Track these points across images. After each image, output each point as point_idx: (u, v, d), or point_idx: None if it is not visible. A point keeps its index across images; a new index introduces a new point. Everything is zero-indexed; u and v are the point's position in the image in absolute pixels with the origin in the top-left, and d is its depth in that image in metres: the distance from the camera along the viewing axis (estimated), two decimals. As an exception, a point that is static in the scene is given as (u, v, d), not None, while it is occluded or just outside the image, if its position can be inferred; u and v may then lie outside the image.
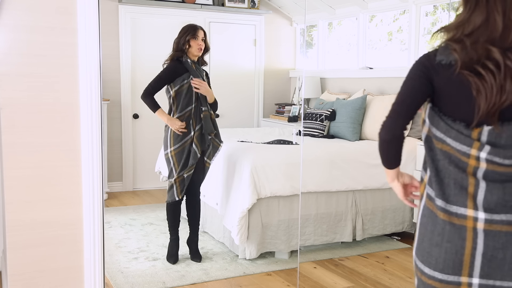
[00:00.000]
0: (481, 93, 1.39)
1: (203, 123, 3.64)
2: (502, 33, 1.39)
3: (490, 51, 1.38)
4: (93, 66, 2.45)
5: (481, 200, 1.43)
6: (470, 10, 1.43)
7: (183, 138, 3.61)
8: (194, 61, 3.70)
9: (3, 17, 2.30)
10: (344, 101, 4.94)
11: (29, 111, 2.38)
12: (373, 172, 4.18)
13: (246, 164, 3.76)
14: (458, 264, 1.45)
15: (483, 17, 1.40)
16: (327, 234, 4.06)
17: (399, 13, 5.30)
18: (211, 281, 3.45)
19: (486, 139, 1.42)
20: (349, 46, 6.02)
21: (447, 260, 1.46)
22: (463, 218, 1.44)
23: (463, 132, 1.45)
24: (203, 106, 3.64)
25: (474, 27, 1.41)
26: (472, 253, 1.43)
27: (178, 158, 3.62)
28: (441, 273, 1.48)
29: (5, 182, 2.38)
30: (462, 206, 1.45)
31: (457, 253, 1.45)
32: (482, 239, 1.43)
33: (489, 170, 1.43)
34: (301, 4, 6.24)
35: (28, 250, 2.44)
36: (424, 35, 4.92)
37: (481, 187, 1.43)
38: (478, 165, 1.43)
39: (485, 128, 1.42)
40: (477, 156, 1.43)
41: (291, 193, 3.86)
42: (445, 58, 1.45)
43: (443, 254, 1.47)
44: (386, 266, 3.80)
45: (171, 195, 3.68)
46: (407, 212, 4.39)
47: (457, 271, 1.46)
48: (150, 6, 5.83)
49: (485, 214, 1.42)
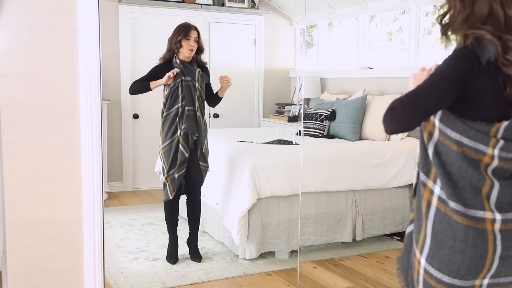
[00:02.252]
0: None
1: (185, 122, 3.61)
2: (504, 24, 1.39)
3: (506, 40, 1.37)
4: (93, 66, 2.45)
5: (494, 200, 1.42)
6: (470, 5, 1.41)
7: (171, 137, 3.62)
8: (184, 61, 3.67)
9: (3, 17, 2.30)
10: (344, 101, 4.94)
11: (29, 111, 2.38)
12: (373, 172, 4.18)
13: (246, 164, 3.76)
14: (480, 268, 1.43)
15: (488, 8, 1.39)
16: (327, 234, 4.06)
17: (399, 13, 5.30)
18: (211, 281, 3.45)
19: (501, 135, 1.41)
20: (349, 46, 6.02)
21: (471, 266, 1.42)
22: (483, 221, 1.42)
23: (483, 130, 1.42)
24: (187, 106, 3.62)
25: (483, 17, 1.39)
26: (493, 256, 1.42)
27: (166, 156, 3.63)
28: (462, 280, 1.44)
29: (5, 182, 2.38)
30: (480, 209, 1.42)
31: (481, 258, 1.42)
32: (500, 240, 1.42)
33: (498, 167, 1.42)
34: (301, 4, 6.24)
35: (28, 250, 2.44)
36: (424, 35, 4.92)
37: (495, 186, 1.42)
38: (490, 162, 1.42)
39: (503, 124, 1.41)
40: (492, 154, 1.42)
41: (291, 193, 3.85)
42: (491, 54, 1.39)
43: (467, 260, 1.42)
44: (386, 266, 3.79)
45: (165, 194, 3.69)
46: (407, 212, 4.38)
47: (477, 275, 1.43)
48: (150, 6, 5.83)
49: (500, 214, 1.41)
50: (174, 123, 3.61)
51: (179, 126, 3.61)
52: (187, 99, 3.62)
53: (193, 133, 3.62)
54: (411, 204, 4.40)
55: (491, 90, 1.41)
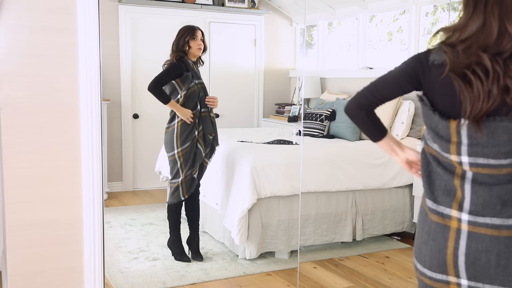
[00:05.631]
0: (466, 99, 1.39)
1: (202, 124, 3.69)
2: (496, 40, 1.39)
3: (481, 57, 1.38)
4: (93, 66, 2.45)
5: (468, 202, 1.43)
6: (468, 15, 1.43)
7: (190, 138, 3.64)
8: (194, 62, 3.76)
9: (3, 17, 2.30)
10: (344, 101, 4.94)
11: (29, 111, 2.38)
12: (373, 172, 4.18)
13: (246, 164, 3.76)
14: (442, 263, 1.47)
15: (480, 23, 1.40)
16: (327, 234, 4.06)
17: (399, 13, 5.30)
18: (211, 281, 3.45)
19: (466, 141, 1.42)
20: (349, 46, 6.03)
21: (433, 258, 1.49)
22: (448, 218, 1.46)
23: (443, 135, 1.45)
24: (202, 108, 3.68)
25: (470, 33, 1.41)
26: (454, 253, 1.44)
27: (186, 158, 3.64)
28: (429, 270, 1.51)
29: (5, 182, 2.38)
30: (448, 206, 1.46)
31: (440, 252, 1.47)
32: (465, 240, 1.43)
33: (478, 174, 1.42)
34: (301, 4, 6.24)
35: (28, 250, 2.44)
36: (424, 35, 4.92)
37: (467, 188, 1.44)
38: (465, 170, 1.43)
39: (463, 131, 1.41)
40: (459, 161, 1.43)
41: (291, 193, 3.86)
42: (437, 58, 1.46)
43: (429, 251, 1.50)
44: (386, 266, 3.80)
45: (176, 196, 3.69)
46: (407, 212, 4.39)
47: (443, 270, 1.48)
48: (150, 6, 5.83)
49: (468, 216, 1.43)
50: (191, 125, 3.65)
51: (196, 128, 3.66)
52: (201, 101, 3.69)
53: (210, 133, 3.72)
54: (411, 204, 4.40)
55: (443, 90, 1.46)
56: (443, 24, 4.83)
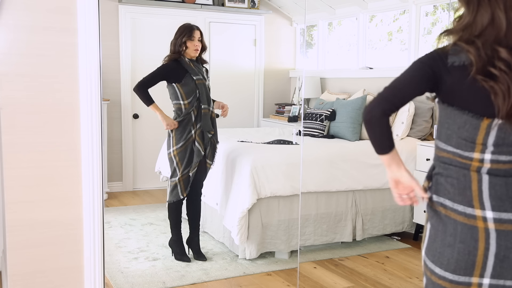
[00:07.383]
0: (498, 95, 1.37)
1: (202, 120, 3.66)
2: (506, 32, 1.38)
3: (498, 51, 1.37)
4: (93, 66, 2.45)
5: (487, 196, 1.42)
6: (474, 11, 1.41)
7: (185, 137, 3.63)
8: (192, 60, 3.72)
9: (3, 17, 2.30)
10: (344, 101, 4.94)
11: (29, 111, 2.38)
12: (373, 172, 4.18)
13: (246, 164, 3.76)
14: (470, 265, 1.44)
15: (489, 17, 1.39)
16: (327, 234, 4.06)
17: (399, 13, 5.30)
18: (211, 281, 3.45)
19: (493, 140, 1.42)
20: (349, 46, 6.02)
21: (459, 261, 1.45)
22: (473, 218, 1.43)
23: (467, 137, 1.44)
24: (202, 104, 3.66)
25: (482, 27, 1.39)
26: (485, 254, 1.42)
27: (181, 157, 3.63)
28: (453, 274, 1.46)
29: (5, 182, 2.38)
30: (468, 206, 1.44)
31: (470, 254, 1.43)
32: (495, 239, 1.42)
33: (493, 169, 1.42)
34: (301, 4, 6.24)
35: (28, 250, 2.44)
36: (424, 35, 4.92)
37: (484, 182, 1.42)
38: (482, 165, 1.43)
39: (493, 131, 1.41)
40: (480, 158, 1.43)
41: (291, 193, 3.86)
42: (457, 60, 1.43)
43: (455, 254, 1.45)
44: (386, 266, 3.80)
45: (175, 195, 3.69)
46: (407, 212, 4.39)
47: (469, 272, 1.45)
48: (150, 6, 5.83)
49: (493, 213, 1.41)
50: (189, 122, 3.64)
51: (194, 125, 3.64)
52: (201, 97, 3.65)
53: (209, 131, 3.68)
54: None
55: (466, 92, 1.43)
56: (443, 24, 4.83)
